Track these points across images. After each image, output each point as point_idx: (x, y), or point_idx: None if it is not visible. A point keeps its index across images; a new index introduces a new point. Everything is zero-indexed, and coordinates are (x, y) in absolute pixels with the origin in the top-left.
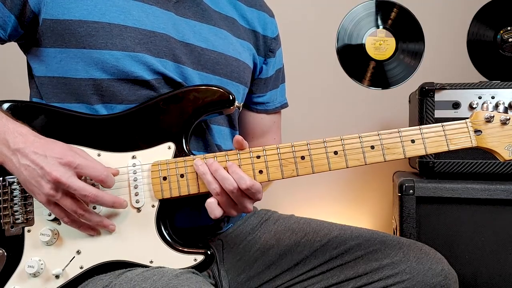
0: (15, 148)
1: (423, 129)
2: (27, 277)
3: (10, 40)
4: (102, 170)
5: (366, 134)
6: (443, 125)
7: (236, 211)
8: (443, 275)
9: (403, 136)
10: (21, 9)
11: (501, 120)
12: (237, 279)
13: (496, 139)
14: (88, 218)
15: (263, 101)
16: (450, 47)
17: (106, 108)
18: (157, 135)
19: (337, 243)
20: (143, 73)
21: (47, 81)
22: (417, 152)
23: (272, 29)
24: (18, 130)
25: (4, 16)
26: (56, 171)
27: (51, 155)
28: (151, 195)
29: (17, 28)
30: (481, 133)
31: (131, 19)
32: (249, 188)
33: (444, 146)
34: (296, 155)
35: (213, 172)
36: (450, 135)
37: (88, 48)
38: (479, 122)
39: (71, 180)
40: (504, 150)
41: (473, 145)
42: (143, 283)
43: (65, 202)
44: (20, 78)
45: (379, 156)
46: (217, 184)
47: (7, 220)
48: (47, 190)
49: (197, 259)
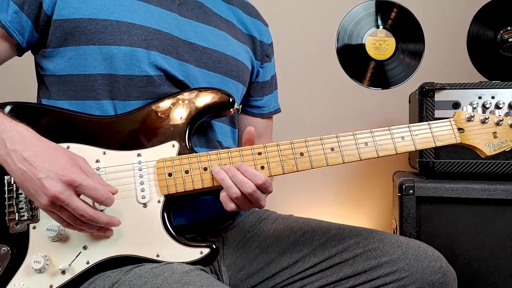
0: (11, 148)
1: (412, 127)
2: (32, 273)
3: (27, 48)
4: (103, 192)
5: (359, 132)
6: (429, 123)
7: (250, 207)
8: (441, 272)
9: (394, 134)
10: (37, 13)
11: (480, 119)
12: (237, 276)
13: (477, 136)
14: (86, 227)
15: (260, 105)
16: (450, 47)
17: (112, 103)
18: (161, 134)
19: (336, 241)
20: (147, 68)
21: (56, 80)
22: (407, 148)
23: (267, 36)
24: (15, 128)
25: (22, 21)
26: (55, 188)
27: (52, 169)
28: (157, 191)
29: (33, 33)
30: (464, 131)
31: (138, 18)
32: (264, 183)
33: (432, 143)
34: (296, 152)
35: (232, 177)
36: (436, 133)
37: (98, 44)
38: (461, 121)
39: (70, 199)
40: (485, 146)
41: (457, 141)
42: (154, 279)
43: (63, 213)
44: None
45: (372, 152)
46: (237, 188)
47: (12, 217)
48: (44, 202)
49: (203, 252)
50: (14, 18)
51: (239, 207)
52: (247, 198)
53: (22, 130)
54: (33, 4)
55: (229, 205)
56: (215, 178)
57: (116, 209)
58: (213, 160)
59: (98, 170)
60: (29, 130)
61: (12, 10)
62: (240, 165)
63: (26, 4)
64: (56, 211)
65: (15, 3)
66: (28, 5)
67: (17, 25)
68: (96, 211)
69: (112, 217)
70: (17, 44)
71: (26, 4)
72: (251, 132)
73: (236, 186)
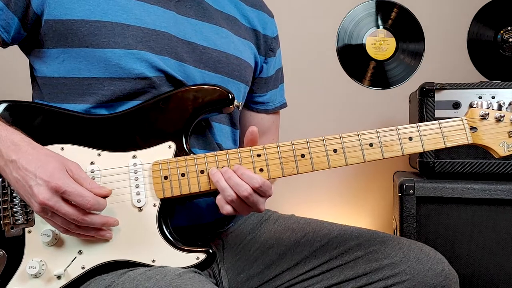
0: (8, 159)
1: (421, 127)
2: (28, 278)
3: (13, 43)
4: (89, 198)
5: (364, 132)
6: (439, 123)
7: (248, 211)
8: (443, 275)
9: (401, 134)
10: (24, 11)
11: (495, 117)
12: (237, 279)
13: (491, 136)
14: (83, 231)
15: (264, 101)
16: (450, 47)
17: (107, 107)
18: (157, 134)
19: (337, 243)
20: (145, 70)
21: (49, 81)
22: (415, 150)
23: (272, 29)
24: (10, 138)
25: (8, 19)
26: (43, 195)
27: (40, 175)
28: (153, 195)
29: (20, 31)
30: (477, 130)
31: (133, 18)
32: (261, 186)
33: (441, 143)
34: (296, 153)
35: (227, 180)
36: (447, 132)
37: (91, 47)
38: (475, 120)
39: (58, 205)
40: (499, 146)
41: (469, 142)
42: (146, 282)
43: (56, 219)
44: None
45: (377, 153)
46: (232, 191)
47: (7, 221)
48: (36, 209)
49: (199, 257)
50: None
51: (236, 211)
52: (244, 202)
53: (17, 141)
54: (20, 1)
55: (225, 208)
56: (211, 181)
57: (111, 213)
58: (210, 163)
59: (92, 172)
60: (23, 138)
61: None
62: (238, 168)
63: (13, 1)
64: (49, 217)
65: (1, 0)
66: (15, 2)
67: (2, 22)
68: (88, 214)
69: (107, 217)
70: (2, 40)
71: (13, 1)
72: (253, 133)
73: (231, 189)
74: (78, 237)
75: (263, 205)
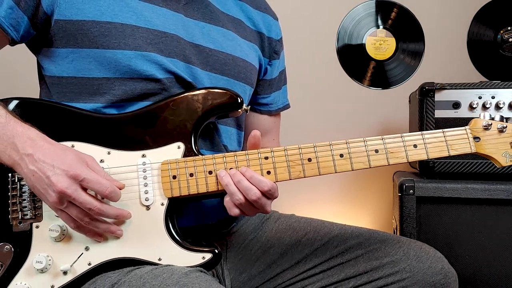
0: (24, 153)
1: (425, 135)
2: (34, 273)
3: (21, 41)
4: (107, 185)
5: (370, 138)
6: (444, 131)
7: (255, 213)
8: (443, 273)
9: (406, 141)
10: (34, 10)
11: (498, 128)
12: (239, 278)
13: (493, 146)
14: (94, 225)
15: (267, 102)
16: (450, 47)
17: (118, 106)
18: (167, 135)
19: (338, 242)
20: (155, 72)
21: (58, 80)
22: (419, 157)
23: (276, 32)
24: (27, 134)
25: (18, 17)
26: (62, 183)
27: (58, 165)
28: (161, 193)
29: (29, 29)
30: (480, 140)
31: (143, 20)
32: (270, 189)
33: (445, 152)
34: (303, 157)
35: (236, 183)
36: (451, 141)
37: (101, 48)
38: (478, 130)
39: (76, 193)
40: (501, 156)
41: (472, 151)
42: (153, 280)
43: (71, 211)
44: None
45: (383, 159)
46: (241, 195)
47: (15, 216)
48: (53, 199)
49: (205, 257)
50: (8, 13)
51: (243, 212)
52: (252, 204)
53: (33, 136)
54: (30, 0)
55: (233, 211)
56: (220, 183)
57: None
58: (218, 164)
59: None
60: (38, 134)
61: (7, 6)
62: (246, 170)
63: (23, 1)
64: (64, 209)
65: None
66: (25, 2)
67: (12, 20)
68: (104, 204)
69: (121, 210)
70: (11, 38)
71: (23, 1)
72: (256, 137)
73: (240, 193)
74: (87, 235)
75: (270, 207)
